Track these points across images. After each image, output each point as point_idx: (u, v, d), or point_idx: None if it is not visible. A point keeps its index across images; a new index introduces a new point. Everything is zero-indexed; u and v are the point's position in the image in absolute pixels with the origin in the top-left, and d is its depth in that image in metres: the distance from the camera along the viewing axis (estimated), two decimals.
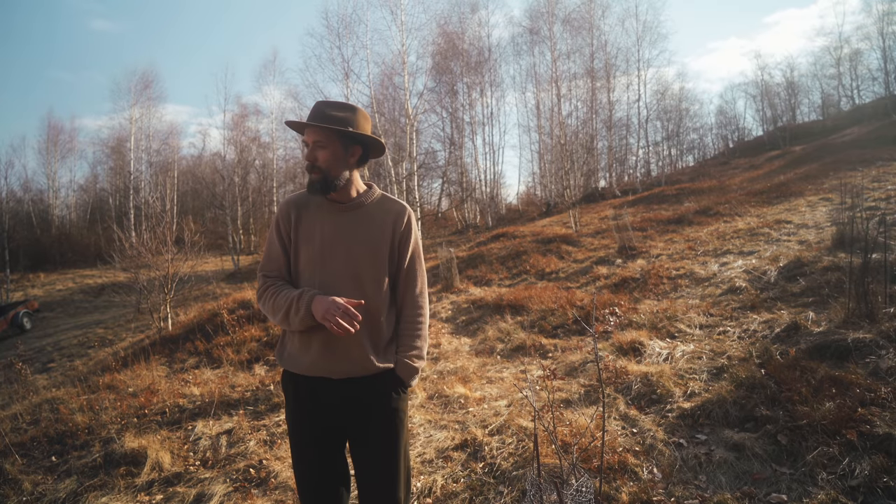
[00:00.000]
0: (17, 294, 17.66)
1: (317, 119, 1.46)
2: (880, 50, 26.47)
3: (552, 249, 9.80)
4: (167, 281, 8.65)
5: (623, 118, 24.28)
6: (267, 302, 1.51)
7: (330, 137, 1.48)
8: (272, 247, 1.57)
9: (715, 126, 36.20)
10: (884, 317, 3.44)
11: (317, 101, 1.51)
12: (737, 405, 2.85)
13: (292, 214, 1.54)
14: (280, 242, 1.56)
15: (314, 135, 1.48)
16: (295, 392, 1.53)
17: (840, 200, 6.63)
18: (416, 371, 1.58)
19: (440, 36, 20.17)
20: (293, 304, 1.44)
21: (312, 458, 1.50)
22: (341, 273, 1.50)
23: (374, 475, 1.50)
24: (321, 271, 1.50)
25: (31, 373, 6.79)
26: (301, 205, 1.56)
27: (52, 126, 28.31)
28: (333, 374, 1.48)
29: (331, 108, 1.48)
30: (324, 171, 1.48)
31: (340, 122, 1.47)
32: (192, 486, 2.89)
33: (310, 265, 1.51)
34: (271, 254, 1.57)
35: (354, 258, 1.52)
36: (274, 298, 1.49)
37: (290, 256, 1.56)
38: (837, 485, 2.11)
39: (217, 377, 5.14)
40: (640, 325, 4.70)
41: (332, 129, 1.46)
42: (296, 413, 1.52)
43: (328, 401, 1.49)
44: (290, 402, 1.54)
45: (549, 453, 2.63)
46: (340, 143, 1.50)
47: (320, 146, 1.48)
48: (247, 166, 22.33)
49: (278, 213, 1.57)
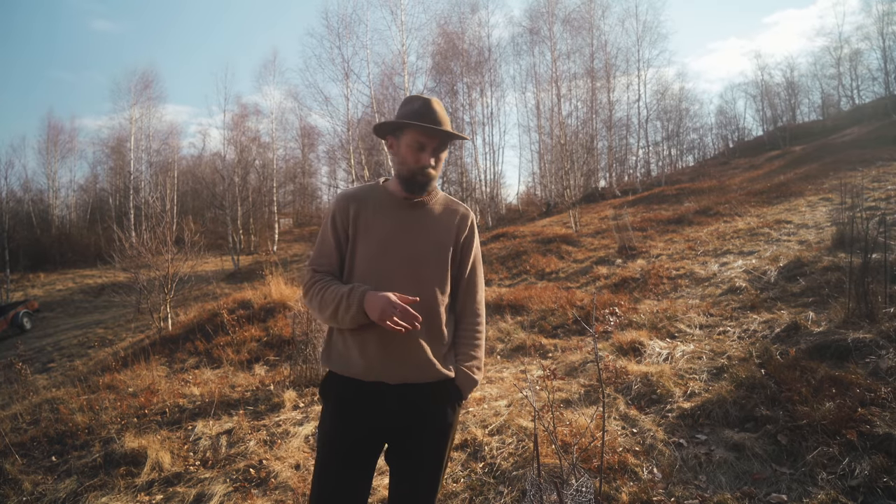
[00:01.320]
0: (17, 294, 17.67)
1: (446, 125, 1.40)
2: (880, 50, 26.52)
3: (552, 249, 9.80)
4: (167, 281, 8.65)
5: (623, 118, 24.30)
6: (314, 297, 1.41)
7: (447, 143, 1.44)
8: (325, 241, 1.48)
9: (715, 126, 36.26)
10: (884, 317, 3.44)
11: (431, 99, 1.41)
12: (737, 405, 2.85)
13: (351, 209, 1.44)
14: (335, 237, 1.46)
15: (437, 140, 1.40)
16: (341, 396, 1.41)
17: (840, 200, 6.63)
18: (476, 383, 1.49)
19: (440, 36, 20.18)
20: (342, 300, 1.34)
21: (346, 467, 1.37)
22: (401, 271, 1.41)
23: (415, 490, 1.40)
24: (378, 269, 1.41)
25: (31, 373, 6.79)
26: (360, 199, 1.46)
27: (52, 126, 28.38)
28: (391, 378, 1.38)
29: (444, 111, 1.43)
30: (436, 175, 1.44)
31: (458, 129, 1.45)
32: (192, 486, 2.89)
33: (366, 261, 1.42)
34: (324, 248, 1.48)
35: (417, 257, 1.43)
36: (322, 294, 1.38)
37: (346, 253, 1.46)
38: (837, 485, 2.11)
39: (217, 377, 5.14)
40: (640, 325, 4.70)
41: (459, 136, 1.41)
42: (338, 419, 1.39)
43: (378, 407, 1.38)
44: (333, 408, 1.41)
45: (549, 453, 2.63)
46: (449, 147, 1.45)
47: (441, 150, 1.43)
48: (247, 166, 22.33)
49: (335, 206, 1.47)
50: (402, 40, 15.71)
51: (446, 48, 20.35)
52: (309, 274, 1.47)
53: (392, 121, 1.40)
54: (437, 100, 1.43)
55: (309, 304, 1.45)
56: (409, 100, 1.44)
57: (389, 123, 1.41)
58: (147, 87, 24.17)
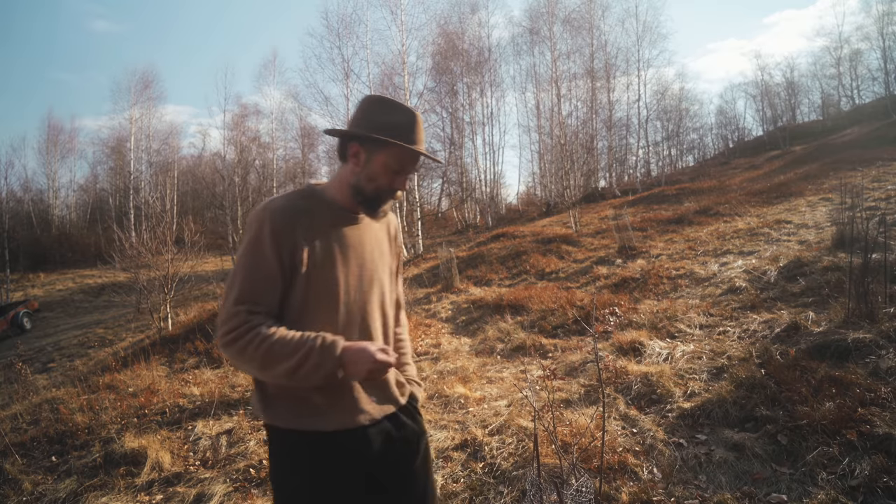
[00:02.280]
0: (17, 294, 17.66)
1: (423, 143, 1.25)
2: (880, 50, 26.53)
3: (552, 249, 9.79)
4: (167, 281, 8.65)
5: (623, 118, 24.35)
6: (254, 349, 1.03)
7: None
8: (260, 269, 1.09)
9: (715, 126, 36.29)
10: (884, 317, 3.44)
11: (418, 115, 1.21)
12: (737, 405, 2.85)
13: (298, 228, 1.12)
14: (278, 264, 1.09)
15: (417, 163, 1.25)
16: (317, 463, 1.12)
17: (840, 200, 6.63)
18: (421, 395, 1.41)
19: (440, 36, 20.20)
20: (309, 355, 1.04)
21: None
22: (371, 300, 1.22)
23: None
24: (354, 302, 1.18)
25: (31, 373, 6.79)
26: (304, 212, 1.15)
27: (52, 126, 28.36)
28: (376, 415, 1.20)
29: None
30: (400, 197, 1.28)
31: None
32: (192, 486, 2.89)
33: (329, 296, 1.15)
34: (259, 279, 1.08)
35: (379, 278, 1.25)
36: (268, 345, 1.03)
37: (288, 287, 1.13)
38: (837, 485, 2.11)
39: (217, 377, 5.14)
40: (640, 325, 4.70)
41: (433, 159, 1.28)
42: (326, 485, 1.12)
43: (366, 456, 1.17)
44: (312, 483, 1.12)
45: (549, 453, 2.63)
46: None
47: (414, 171, 1.27)
48: (247, 166, 22.32)
49: (273, 223, 1.10)
50: (402, 40, 15.72)
51: (446, 48, 20.36)
52: (241, 316, 1.05)
53: (375, 136, 1.14)
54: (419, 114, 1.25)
55: (238, 356, 1.05)
56: (389, 107, 1.18)
57: (368, 136, 1.16)
58: (147, 87, 24.21)
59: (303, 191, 1.21)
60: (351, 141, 1.19)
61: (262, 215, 1.11)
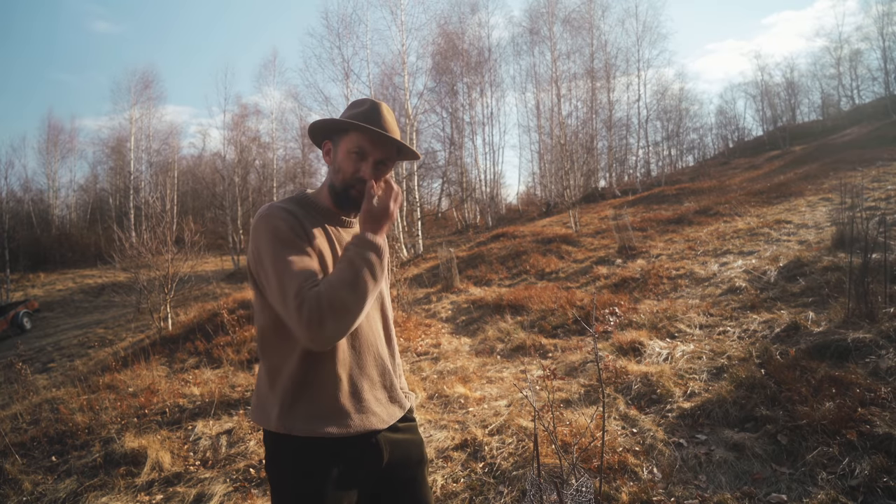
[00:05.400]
0: (17, 294, 17.66)
1: (395, 134, 1.19)
2: (880, 50, 26.50)
3: (552, 249, 9.79)
4: (167, 281, 8.65)
5: (623, 118, 24.34)
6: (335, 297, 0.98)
7: (393, 158, 1.21)
8: (300, 258, 1.05)
9: (715, 126, 36.31)
10: (884, 317, 3.44)
11: (381, 103, 1.19)
12: (737, 405, 2.85)
13: (297, 227, 1.12)
14: (302, 241, 1.09)
15: (387, 152, 1.18)
16: (315, 472, 1.10)
17: (840, 200, 6.63)
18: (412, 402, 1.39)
19: (440, 36, 20.18)
20: (363, 259, 1.03)
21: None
22: (373, 310, 1.24)
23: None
24: None
25: (31, 373, 6.79)
26: (296, 216, 1.13)
27: (52, 126, 28.35)
28: (387, 419, 1.20)
29: (395, 121, 1.23)
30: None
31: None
32: (192, 486, 2.89)
33: None
34: (298, 263, 1.04)
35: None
36: (337, 286, 1.00)
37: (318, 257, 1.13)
38: (837, 485, 2.11)
39: (217, 377, 5.14)
40: (640, 325, 4.70)
41: (407, 148, 1.22)
42: (338, 490, 1.11)
43: (365, 466, 1.16)
44: (327, 481, 1.09)
45: (549, 453, 2.63)
46: (394, 165, 1.24)
47: (385, 165, 1.19)
48: (247, 166, 22.32)
49: (282, 219, 1.09)
50: (402, 40, 15.71)
51: (446, 48, 20.36)
52: (303, 295, 0.98)
53: (329, 119, 1.17)
54: (388, 106, 1.23)
55: (331, 316, 0.98)
56: (356, 102, 1.22)
57: (326, 122, 1.19)
58: (147, 87, 24.20)
59: (294, 198, 1.22)
60: (323, 142, 1.24)
61: (269, 213, 1.11)
